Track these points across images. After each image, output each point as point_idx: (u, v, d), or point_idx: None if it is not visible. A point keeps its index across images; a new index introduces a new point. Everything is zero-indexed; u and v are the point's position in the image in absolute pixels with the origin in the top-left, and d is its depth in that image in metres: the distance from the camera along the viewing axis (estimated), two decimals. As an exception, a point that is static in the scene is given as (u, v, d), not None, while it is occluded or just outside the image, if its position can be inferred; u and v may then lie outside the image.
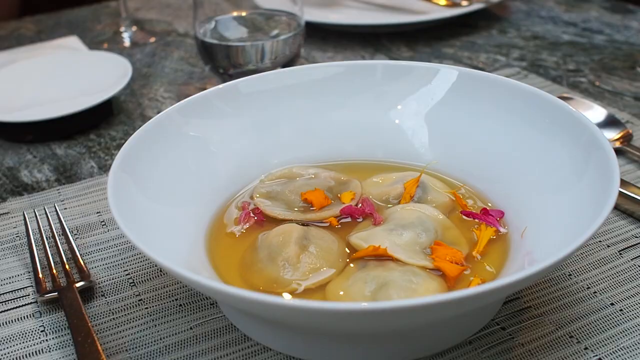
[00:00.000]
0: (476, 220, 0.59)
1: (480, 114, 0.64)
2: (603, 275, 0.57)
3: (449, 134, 0.65)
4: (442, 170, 0.65)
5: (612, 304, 0.54)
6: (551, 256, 0.43)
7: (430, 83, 0.65)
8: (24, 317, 0.57)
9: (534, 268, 0.42)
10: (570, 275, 0.58)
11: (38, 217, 0.66)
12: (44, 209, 0.68)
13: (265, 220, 0.61)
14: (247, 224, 0.60)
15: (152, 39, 1.20)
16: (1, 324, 0.56)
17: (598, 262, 0.59)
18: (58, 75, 0.95)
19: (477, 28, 1.15)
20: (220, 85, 0.64)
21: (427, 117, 0.66)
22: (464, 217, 0.60)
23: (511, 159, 0.61)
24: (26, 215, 0.66)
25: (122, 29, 1.22)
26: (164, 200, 0.57)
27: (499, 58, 1.03)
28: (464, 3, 1.14)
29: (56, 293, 0.57)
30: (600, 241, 0.61)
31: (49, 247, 0.63)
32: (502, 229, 0.58)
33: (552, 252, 0.45)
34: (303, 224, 0.59)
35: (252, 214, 0.61)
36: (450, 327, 0.51)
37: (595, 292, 0.56)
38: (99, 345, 0.51)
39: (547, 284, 0.57)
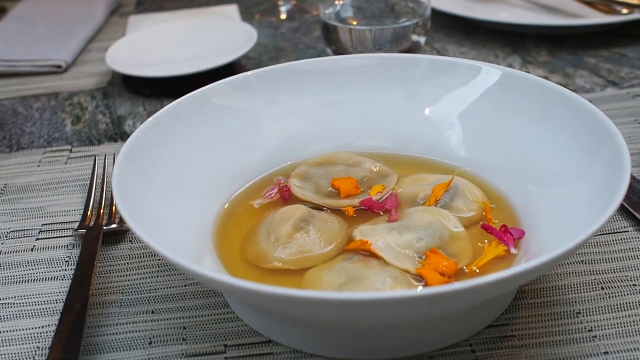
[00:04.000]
0: (493, 235, 0.55)
1: (520, 116, 0.61)
2: (615, 322, 0.51)
3: (488, 134, 0.62)
4: (479, 173, 0.62)
5: (605, 353, 0.48)
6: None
7: (472, 81, 0.63)
8: (59, 246, 0.64)
9: (489, 277, 0.39)
10: (579, 313, 0.52)
11: (106, 163, 0.73)
12: (114, 156, 0.74)
13: (289, 199, 0.62)
14: (269, 198, 0.62)
15: (316, 12, 1.23)
16: (40, 249, 0.63)
17: (619, 306, 0.53)
18: (191, 39, 1.03)
19: (635, 39, 1.04)
20: (257, 70, 0.66)
21: (467, 116, 0.64)
22: (482, 230, 0.56)
23: (542, 167, 0.58)
24: (96, 160, 0.73)
25: (280, 2, 1.27)
26: (186, 175, 0.60)
27: (642, 74, 0.93)
28: (624, 11, 1.04)
29: (85, 230, 0.63)
30: (634, 285, 0.55)
31: (106, 191, 0.69)
32: (513, 250, 0.54)
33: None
34: (318, 208, 0.59)
35: (277, 191, 0.62)
36: (414, 335, 0.49)
37: (595, 336, 0.50)
38: (92, 282, 0.55)
39: (547, 317, 0.52)
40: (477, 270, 0.52)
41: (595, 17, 1.05)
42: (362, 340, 0.49)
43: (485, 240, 0.55)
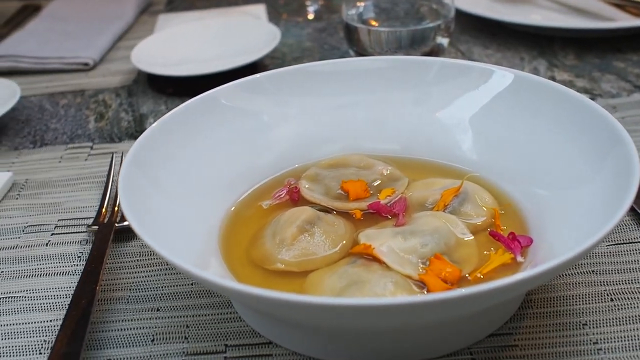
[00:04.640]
0: (500, 242, 0.55)
1: (532, 120, 0.60)
2: (622, 335, 0.50)
3: (500, 138, 0.62)
4: (490, 177, 0.61)
5: (609, 366, 0.48)
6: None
7: (484, 85, 0.63)
8: (73, 242, 0.65)
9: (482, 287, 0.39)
10: (585, 324, 0.51)
11: (123, 161, 0.73)
12: (130, 153, 0.75)
13: (298, 200, 0.62)
14: (278, 199, 0.62)
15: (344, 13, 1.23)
16: (54, 244, 0.64)
17: (627, 318, 0.52)
18: (215, 38, 1.04)
19: (669, 44, 1.02)
20: (267, 72, 0.66)
21: (479, 120, 0.63)
22: (490, 237, 0.56)
23: (552, 171, 0.57)
24: (114, 157, 0.74)
25: (308, 2, 1.27)
26: (195, 176, 0.60)
27: (671, 80, 0.91)
28: (657, 15, 1.02)
29: (97, 226, 0.64)
30: (647, 297, 0.54)
31: (121, 188, 0.70)
32: (519, 258, 0.53)
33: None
34: (326, 210, 0.59)
35: (286, 192, 0.62)
36: (414, 341, 0.49)
37: (600, 349, 0.49)
38: (100, 278, 0.56)
39: (551, 327, 0.51)
40: (482, 277, 0.52)
41: (625, 21, 1.03)
42: (361, 345, 0.49)
43: (492, 248, 0.54)
